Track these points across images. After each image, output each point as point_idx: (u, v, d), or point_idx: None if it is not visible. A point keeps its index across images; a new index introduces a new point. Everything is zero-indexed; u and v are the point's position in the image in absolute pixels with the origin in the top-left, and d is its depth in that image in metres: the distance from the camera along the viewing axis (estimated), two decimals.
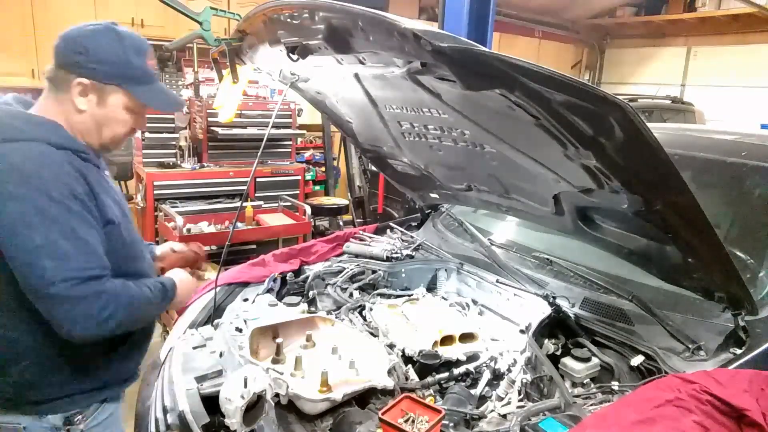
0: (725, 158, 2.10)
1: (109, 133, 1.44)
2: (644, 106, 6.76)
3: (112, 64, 1.35)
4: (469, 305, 2.08)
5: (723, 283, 1.47)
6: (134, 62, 1.38)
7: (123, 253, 1.44)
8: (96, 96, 1.37)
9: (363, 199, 6.37)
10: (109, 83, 1.37)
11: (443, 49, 1.18)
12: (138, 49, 1.40)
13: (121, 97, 1.40)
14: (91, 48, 1.34)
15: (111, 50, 1.35)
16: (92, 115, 1.39)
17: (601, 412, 1.30)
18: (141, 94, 1.41)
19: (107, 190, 1.44)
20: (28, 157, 1.27)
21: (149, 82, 1.43)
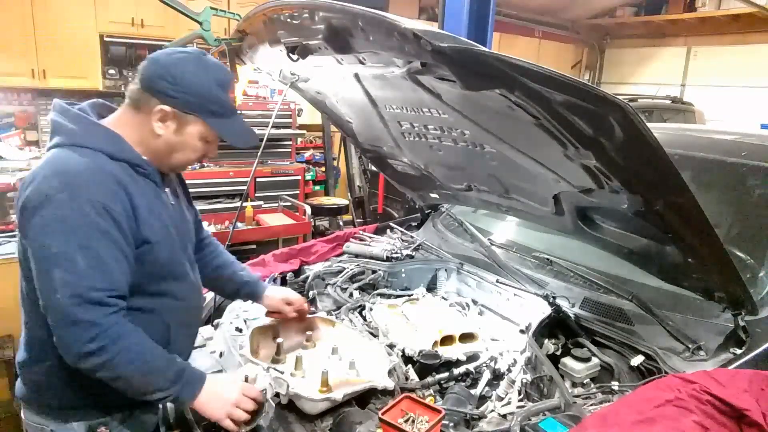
0: (725, 158, 2.10)
1: (180, 159, 1.43)
2: (644, 106, 6.75)
3: (196, 95, 1.35)
4: (469, 305, 2.08)
5: (723, 283, 1.47)
6: (216, 95, 1.37)
7: (156, 272, 1.40)
8: (175, 124, 1.37)
9: (363, 199, 6.37)
10: (189, 113, 1.36)
11: (443, 49, 1.18)
12: (221, 81, 1.39)
13: (199, 128, 1.39)
14: (177, 76, 1.33)
15: (196, 81, 1.35)
16: (167, 140, 1.38)
17: (601, 412, 1.30)
18: (219, 126, 1.40)
19: (156, 209, 1.41)
20: (77, 164, 1.27)
21: (228, 115, 1.42)
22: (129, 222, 1.30)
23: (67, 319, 1.22)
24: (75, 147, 1.30)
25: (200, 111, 1.36)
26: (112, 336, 1.23)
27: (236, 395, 1.36)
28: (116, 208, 1.27)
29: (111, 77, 5.74)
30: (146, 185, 1.39)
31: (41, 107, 5.61)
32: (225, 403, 1.35)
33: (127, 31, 5.54)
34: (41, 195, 1.23)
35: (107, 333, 1.23)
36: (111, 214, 1.26)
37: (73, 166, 1.27)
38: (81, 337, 1.22)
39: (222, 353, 1.76)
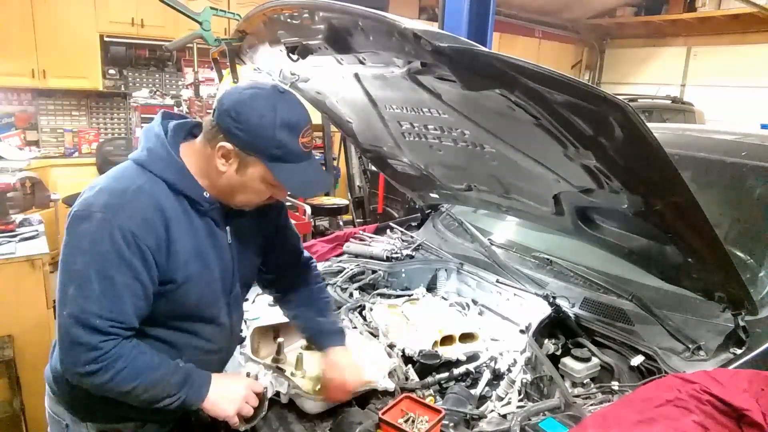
0: (725, 158, 2.09)
1: (243, 199, 1.37)
2: (644, 106, 6.76)
3: (255, 135, 1.27)
4: (469, 305, 2.08)
5: (723, 283, 1.47)
6: (280, 138, 1.27)
7: (180, 311, 1.36)
8: (236, 163, 1.31)
9: (363, 199, 6.37)
10: (250, 154, 1.29)
11: (443, 49, 1.18)
12: (289, 123, 1.28)
13: (260, 170, 1.31)
14: (242, 113, 1.27)
15: (258, 121, 1.26)
16: (229, 179, 1.33)
17: (601, 412, 1.30)
18: (278, 172, 1.30)
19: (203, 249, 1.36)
20: (130, 186, 1.26)
21: (293, 161, 1.31)
22: (159, 258, 1.27)
23: (69, 338, 1.22)
24: (143, 168, 1.30)
25: (260, 153, 1.28)
26: (111, 358, 1.22)
27: (244, 392, 1.37)
28: (148, 241, 1.24)
29: (111, 77, 5.75)
30: (200, 223, 1.36)
31: (41, 107, 5.61)
32: (233, 400, 1.35)
33: (127, 31, 5.55)
34: (87, 207, 1.24)
35: (106, 356, 1.22)
36: (139, 246, 1.23)
37: (127, 187, 1.26)
38: (80, 358, 1.22)
39: None
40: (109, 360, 1.22)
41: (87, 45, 5.35)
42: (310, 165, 1.36)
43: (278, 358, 1.65)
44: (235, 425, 1.35)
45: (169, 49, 3.72)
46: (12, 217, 3.09)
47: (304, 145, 1.32)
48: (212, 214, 1.38)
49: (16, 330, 2.77)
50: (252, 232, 1.53)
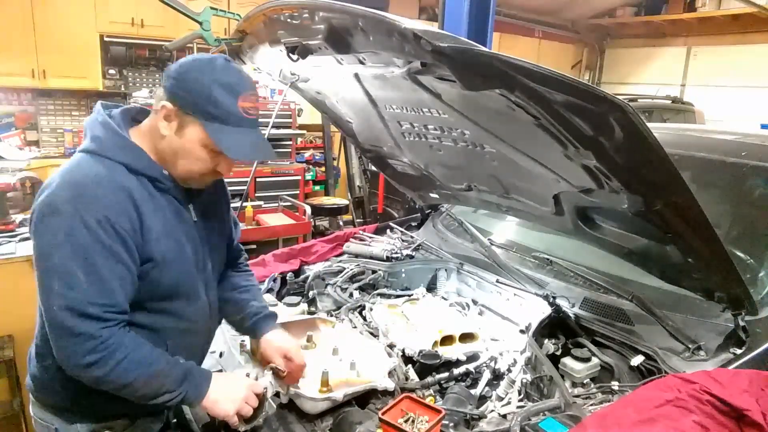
0: (725, 158, 2.10)
1: (184, 167, 1.35)
2: (644, 106, 6.75)
3: (194, 92, 1.27)
4: (469, 305, 2.08)
5: (723, 283, 1.47)
6: (217, 97, 1.26)
7: (160, 291, 1.35)
8: (176, 123, 1.31)
9: (363, 199, 6.37)
10: (188, 113, 1.29)
11: (443, 49, 1.18)
12: (228, 85, 1.28)
13: (198, 132, 1.29)
14: (182, 73, 1.28)
15: (198, 79, 1.27)
16: (170, 142, 1.32)
17: (601, 412, 1.30)
18: (215, 132, 1.28)
19: (172, 227, 1.36)
20: (91, 175, 1.25)
21: (231, 123, 1.29)
22: (135, 238, 1.27)
23: (65, 332, 1.21)
24: (96, 155, 1.29)
25: (196, 111, 1.28)
26: (110, 348, 1.21)
27: (244, 392, 1.36)
28: (123, 224, 1.24)
29: (111, 77, 5.74)
30: (165, 201, 1.35)
31: (41, 107, 5.61)
32: (234, 399, 1.34)
33: (127, 31, 5.54)
34: (51, 204, 1.22)
35: (105, 345, 1.21)
36: (116, 230, 1.23)
37: (86, 176, 1.25)
38: (79, 349, 1.21)
39: (222, 353, 1.76)
40: (108, 349, 1.21)
41: (87, 45, 5.35)
42: (252, 132, 1.35)
43: None
44: (234, 425, 1.35)
45: (169, 49, 3.72)
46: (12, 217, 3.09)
47: (245, 111, 1.31)
48: (174, 192, 1.37)
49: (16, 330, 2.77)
50: (213, 213, 1.53)
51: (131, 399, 1.28)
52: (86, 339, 1.20)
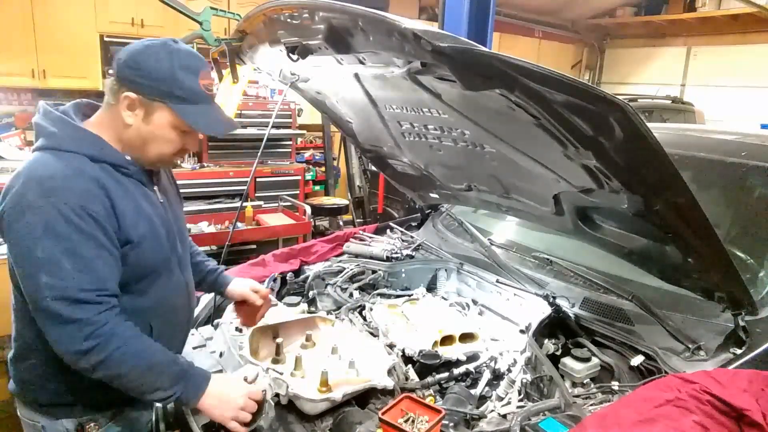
0: (725, 158, 2.10)
1: (155, 151, 1.40)
2: (644, 106, 6.75)
3: (157, 79, 1.32)
4: (469, 305, 2.08)
5: (723, 283, 1.47)
6: (181, 79, 1.33)
7: (140, 272, 1.39)
8: (142, 111, 1.34)
9: (363, 199, 6.37)
10: (154, 99, 1.33)
11: (443, 49, 1.18)
12: (188, 66, 1.35)
13: (167, 115, 1.35)
14: (140, 62, 1.32)
15: (158, 66, 1.31)
16: (138, 130, 1.36)
17: (601, 412, 1.30)
18: (185, 113, 1.35)
19: (143, 208, 1.40)
20: (55, 169, 1.26)
21: (196, 102, 1.36)
22: (111, 223, 1.30)
23: (59, 320, 1.22)
24: (56, 151, 1.30)
25: (164, 96, 1.33)
26: (106, 334, 1.23)
27: (243, 400, 1.35)
28: (98, 210, 1.27)
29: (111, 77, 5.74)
30: (132, 185, 1.39)
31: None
32: (231, 406, 1.34)
33: (127, 31, 5.54)
34: (21, 203, 1.23)
35: (101, 330, 1.23)
36: (93, 217, 1.26)
37: (51, 171, 1.26)
38: (75, 336, 1.22)
39: (222, 353, 1.76)
40: (105, 335, 1.23)
41: (87, 45, 5.34)
42: (215, 107, 1.43)
43: (277, 358, 1.65)
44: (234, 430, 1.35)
45: None
46: None
47: (206, 87, 1.38)
48: (138, 176, 1.41)
49: None
50: (173, 196, 1.61)
51: (124, 391, 1.29)
52: (84, 325, 1.22)
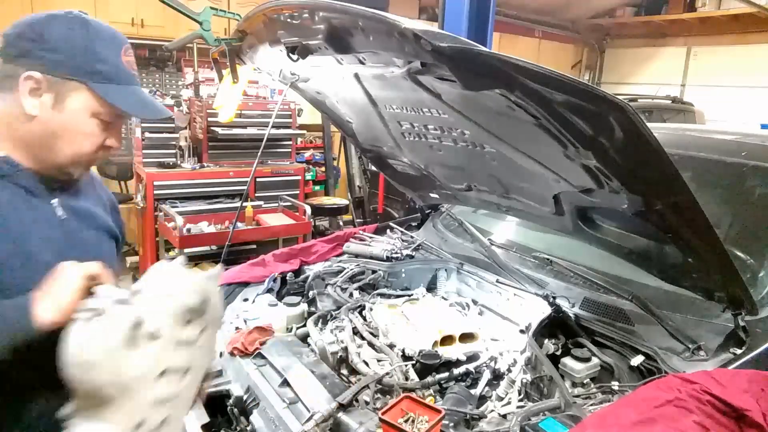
0: (725, 158, 2.10)
1: (68, 149, 1.08)
2: (644, 106, 6.75)
3: (72, 52, 1.04)
4: (469, 305, 2.08)
5: (723, 283, 1.47)
6: (102, 52, 1.06)
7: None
8: (52, 95, 1.05)
9: (363, 199, 6.37)
10: (68, 78, 1.04)
11: (443, 49, 1.18)
12: (109, 39, 1.09)
13: (85, 98, 1.06)
14: (46, 32, 1.04)
15: (72, 36, 1.04)
16: (46, 122, 1.05)
17: (601, 412, 1.30)
18: (109, 94, 1.07)
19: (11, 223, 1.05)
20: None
21: (122, 82, 1.10)
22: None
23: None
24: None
25: (79, 72, 1.05)
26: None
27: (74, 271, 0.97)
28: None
29: None
30: (8, 192, 1.06)
31: None
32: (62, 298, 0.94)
33: (127, 31, 5.54)
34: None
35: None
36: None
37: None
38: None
39: (222, 353, 1.76)
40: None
41: None
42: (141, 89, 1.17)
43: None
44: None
45: (169, 49, 3.72)
46: None
47: (130, 65, 1.13)
48: (19, 179, 1.08)
49: None
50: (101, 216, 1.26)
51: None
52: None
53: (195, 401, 1.07)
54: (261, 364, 1.71)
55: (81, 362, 0.85)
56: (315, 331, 1.86)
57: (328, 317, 1.97)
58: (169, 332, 0.90)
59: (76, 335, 0.86)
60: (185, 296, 0.93)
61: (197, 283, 0.96)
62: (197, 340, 0.95)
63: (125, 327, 0.86)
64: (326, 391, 1.49)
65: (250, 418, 1.55)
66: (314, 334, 1.83)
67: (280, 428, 1.45)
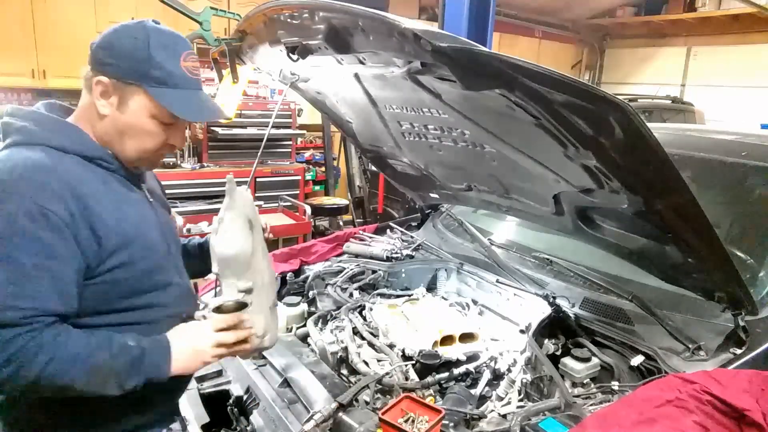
0: (725, 158, 2.10)
1: (133, 146, 1.22)
2: (644, 106, 6.75)
3: (132, 58, 1.17)
4: (469, 305, 2.08)
5: (723, 283, 1.47)
6: (157, 58, 1.18)
7: (132, 283, 1.20)
8: (117, 97, 1.19)
9: (363, 199, 6.37)
10: (128, 83, 1.18)
11: (443, 49, 1.18)
12: (167, 45, 1.20)
13: (143, 100, 1.19)
14: (113, 42, 1.18)
15: (133, 44, 1.17)
16: (114, 121, 1.20)
17: (601, 412, 1.30)
18: (162, 96, 1.18)
19: (128, 210, 1.22)
20: (15, 162, 1.10)
21: (176, 85, 1.20)
22: (77, 228, 1.10)
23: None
24: (23, 146, 1.14)
25: (138, 77, 1.17)
26: (29, 353, 1.03)
27: (211, 338, 1.23)
28: (58, 212, 1.07)
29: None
30: (115, 182, 1.23)
31: None
32: (202, 354, 1.23)
33: None
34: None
35: (22, 352, 1.03)
36: (49, 219, 1.06)
37: (9, 164, 1.10)
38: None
39: None
40: (26, 357, 1.03)
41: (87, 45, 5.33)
42: (199, 93, 1.26)
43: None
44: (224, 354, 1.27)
45: None
46: None
47: (189, 71, 1.23)
48: (122, 172, 1.25)
49: None
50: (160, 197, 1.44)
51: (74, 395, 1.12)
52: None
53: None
54: (261, 364, 1.71)
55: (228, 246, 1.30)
56: (315, 331, 1.86)
57: (328, 317, 1.97)
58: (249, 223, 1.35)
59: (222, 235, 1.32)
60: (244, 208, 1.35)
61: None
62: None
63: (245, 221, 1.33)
64: (326, 391, 1.49)
65: (250, 418, 1.55)
66: (314, 334, 1.83)
67: (280, 428, 1.45)
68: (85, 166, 1.18)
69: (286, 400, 1.53)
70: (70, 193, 1.11)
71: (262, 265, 1.38)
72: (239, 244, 1.30)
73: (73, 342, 1.09)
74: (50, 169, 1.11)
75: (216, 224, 1.33)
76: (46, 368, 1.05)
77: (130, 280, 1.20)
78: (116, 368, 1.12)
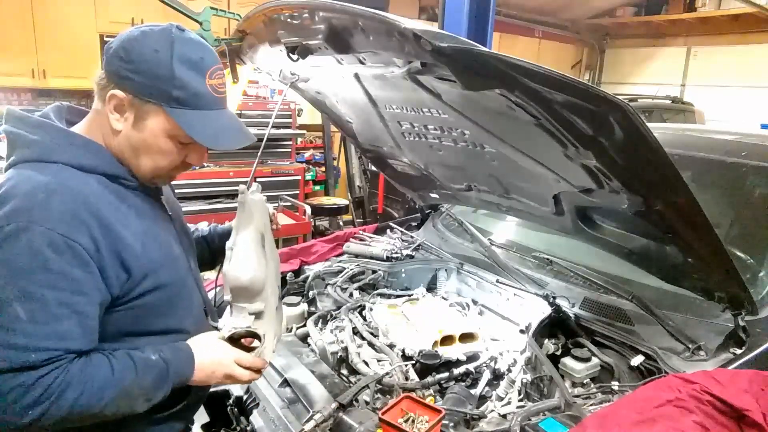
0: (725, 158, 2.10)
1: (149, 163, 1.14)
2: (644, 106, 6.75)
3: (152, 75, 1.05)
4: (469, 305, 2.08)
5: (723, 283, 1.47)
6: (180, 75, 1.06)
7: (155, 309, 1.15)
8: (132, 115, 1.09)
9: (363, 199, 6.37)
10: (146, 101, 1.07)
11: (443, 49, 1.18)
12: (192, 60, 1.08)
13: (161, 121, 1.09)
14: (134, 53, 1.05)
15: (155, 58, 1.05)
16: (128, 138, 1.11)
17: (601, 412, 1.30)
18: (182, 118, 1.08)
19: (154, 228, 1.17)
20: (35, 185, 1.02)
21: (199, 106, 1.10)
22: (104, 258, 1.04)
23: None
24: (39, 163, 1.06)
25: (157, 96, 1.06)
26: (57, 390, 0.98)
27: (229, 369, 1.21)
28: (83, 242, 1.00)
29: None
30: (136, 200, 1.16)
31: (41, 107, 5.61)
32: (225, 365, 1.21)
33: None
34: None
35: (50, 390, 0.98)
36: (74, 251, 0.99)
37: (30, 187, 1.01)
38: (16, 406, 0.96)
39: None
40: (55, 395, 0.98)
41: (87, 45, 5.35)
42: (224, 113, 1.17)
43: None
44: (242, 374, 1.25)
45: None
46: None
47: (214, 89, 1.12)
48: (143, 188, 1.19)
49: None
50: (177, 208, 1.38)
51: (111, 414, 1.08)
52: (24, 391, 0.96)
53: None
54: None
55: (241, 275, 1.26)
56: (315, 331, 1.86)
57: (328, 317, 1.97)
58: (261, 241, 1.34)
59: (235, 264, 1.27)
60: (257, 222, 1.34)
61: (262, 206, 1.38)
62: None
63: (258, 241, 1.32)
64: (326, 391, 1.49)
65: (250, 418, 1.55)
66: (314, 334, 1.83)
67: (280, 428, 1.45)
68: (106, 186, 1.11)
69: (286, 400, 1.53)
70: (96, 221, 1.04)
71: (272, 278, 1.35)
72: (252, 271, 1.26)
73: (98, 371, 1.05)
74: (74, 194, 1.03)
75: (228, 251, 1.28)
76: (77, 403, 1.01)
77: (157, 303, 1.16)
78: (144, 386, 1.09)
